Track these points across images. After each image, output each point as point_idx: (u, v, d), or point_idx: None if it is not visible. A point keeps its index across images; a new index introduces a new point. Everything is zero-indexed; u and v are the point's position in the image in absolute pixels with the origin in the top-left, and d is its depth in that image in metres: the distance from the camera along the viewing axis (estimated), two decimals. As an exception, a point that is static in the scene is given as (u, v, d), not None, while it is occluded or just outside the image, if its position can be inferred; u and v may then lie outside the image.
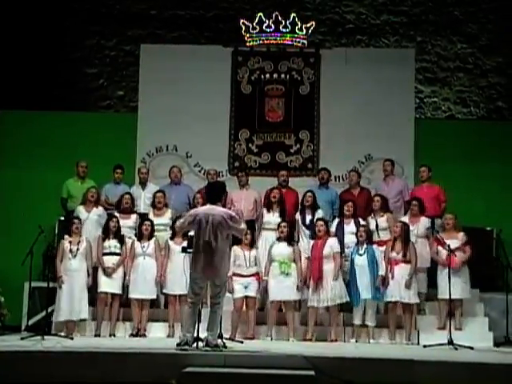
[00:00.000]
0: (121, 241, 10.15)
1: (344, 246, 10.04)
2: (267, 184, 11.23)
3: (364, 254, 9.79)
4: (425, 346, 8.99)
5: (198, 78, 12.46)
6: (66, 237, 10.01)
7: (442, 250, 9.85)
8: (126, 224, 10.42)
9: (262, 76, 12.73)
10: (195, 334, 7.95)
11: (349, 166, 12.06)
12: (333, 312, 9.73)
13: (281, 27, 12.47)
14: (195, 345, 7.90)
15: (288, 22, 12.46)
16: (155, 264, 10.03)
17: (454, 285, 9.28)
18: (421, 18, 13.10)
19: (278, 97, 12.68)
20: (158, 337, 9.84)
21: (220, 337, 8.25)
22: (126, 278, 10.04)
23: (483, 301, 10.33)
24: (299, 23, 12.46)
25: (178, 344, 7.88)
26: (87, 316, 9.88)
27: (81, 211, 10.55)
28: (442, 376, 7.21)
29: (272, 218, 10.44)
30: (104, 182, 11.29)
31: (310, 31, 12.51)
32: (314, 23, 12.53)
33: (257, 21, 12.49)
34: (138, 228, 10.35)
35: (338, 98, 12.48)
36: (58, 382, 7.09)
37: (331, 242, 9.85)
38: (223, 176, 12.19)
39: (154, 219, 10.36)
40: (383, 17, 13.17)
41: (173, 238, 10.04)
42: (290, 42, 12.55)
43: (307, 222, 10.38)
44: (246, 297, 9.77)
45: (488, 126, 12.61)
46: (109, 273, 9.97)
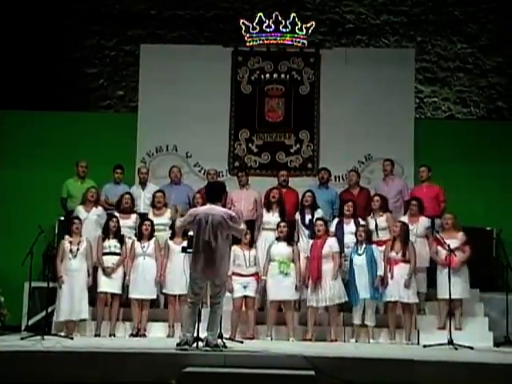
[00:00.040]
0: (121, 241, 10.16)
1: (344, 246, 10.05)
2: (267, 184, 11.21)
3: (363, 253, 9.79)
4: (425, 346, 8.99)
5: (197, 78, 12.45)
6: (67, 237, 10.01)
7: (441, 249, 9.85)
8: (125, 224, 10.42)
9: (262, 76, 12.72)
10: (195, 334, 7.94)
11: (349, 165, 12.06)
12: (332, 312, 9.73)
13: (281, 27, 12.47)
14: (195, 345, 7.89)
15: (288, 22, 12.46)
16: (155, 264, 10.03)
17: (453, 285, 9.28)
18: (421, 18, 13.11)
19: (278, 97, 12.68)
20: (158, 337, 9.85)
21: (220, 337, 8.25)
22: (125, 278, 10.05)
23: (483, 301, 10.33)
24: (299, 23, 12.46)
25: (178, 344, 7.88)
26: (87, 316, 9.88)
27: (80, 211, 10.55)
28: (442, 376, 7.21)
29: (272, 218, 10.43)
30: (104, 182, 11.30)
31: (310, 31, 12.51)
32: (313, 23, 12.53)
33: (257, 21, 12.49)
34: (138, 228, 10.36)
35: (337, 98, 12.48)
36: (58, 382, 7.08)
37: (330, 241, 9.85)
38: (223, 176, 12.19)
39: (153, 219, 10.37)
40: (383, 17, 13.17)
41: (172, 237, 10.05)
42: (290, 42, 12.55)
43: (306, 222, 10.38)
44: (245, 296, 9.77)
45: (488, 126, 12.61)
46: (108, 273, 9.98)
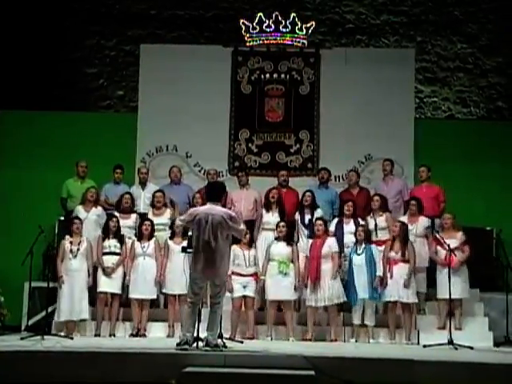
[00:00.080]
0: (120, 241, 10.16)
1: (344, 246, 10.05)
2: (267, 184, 11.20)
3: (362, 253, 9.79)
4: (425, 346, 8.98)
5: (197, 78, 12.45)
6: (67, 237, 10.01)
7: (440, 249, 9.85)
8: (125, 224, 10.42)
9: (262, 76, 12.72)
10: (195, 334, 7.94)
11: (349, 165, 12.06)
12: (331, 312, 9.73)
13: (281, 27, 12.46)
14: (195, 345, 7.89)
15: (288, 22, 12.45)
16: (155, 264, 10.02)
17: (453, 284, 9.27)
18: (421, 18, 13.10)
19: (278, 97, 12.67)
20: (158, 337, 9.84)
21: (220, 337, 8.25)
22: (125, 278, 10.05)
23: (483, 301, 10.33)
24: (299, 23, 12.45)
25: (178, 344, 7.88)
26: (88, 316, 9.89)
27: (80, 211, 10.55)
28: (442, 376, 7.20)
29: (271, 218, 10.42)
30: (104, 182, 11.30)
31: (310, 31, 12.50)
32: (313, 23, 12.52)
33: (257, 21, 12.48)
34: (138, 228, 10.35)
35: (337, 97, 12.47)
36: (58, 382, 7.08)
37: (330, 241, 9.85)
38: (223, 176, 12.19)
39: (153, 219, 10.36)
40: (383, 17, 13.17)
41: (172, 237, 10.05)
42: (290, 42, 12.54)
43: (306, 222, 10.38)
44: (244, 296, 9.77)
45: (488, 126, 12.61)
46: (108, 272, 9.98)
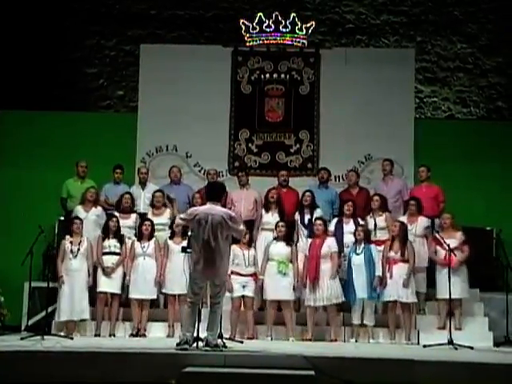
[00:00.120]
0: (120, 240, 10.15)
1: (343, 246, 10.04)
2: (267, 184, 11.20)
3: (361, 253, 9.79)
4: (425, 346, 8.98)
5: (197, 78, 12.45)
6: (67, 237, 10.01)
7: (440, 249, 9.85)
8: (125, 224, 10.42)
9: (262, 76, 12.71)
10: (195, 334, 7.94)
11: (349, 165, 12.05)
12: (331, 312, 9.73)
13: (281, 27, 12.46)
14: (195, 345, 7.89)
15: (288, 22, 12.45)
16: (155, 264, 10.02)
17: (452, 284, 9.25)
18: (421, 18, 13.10)
19: (278, 97, 12.67)
20: (158, 337, 9.84)
21: (220, 337, 8.24)
22: (125, 278, 10.05)
23: (483, 301, 10.32)
24: (299, 23, 12.44)
25: (178, 343, 7.87)
26: (88, 316, 9.89)
27: (79, 211, 10.54)
28: (442, 376, 7.20)
29: (271, 218, 10.41)
30: (104, 182, 11.29)
31: (309, 31, 12.50)
32: (313, 23, 12.52)
33: (257, 21, 12.48)
34: (138, 228, 10.35)
35: (337, 98, 12.47)
36: (58, 382, 7.08)
37: (329, 241, 9.84)
38: (223, 176, 12.18)
39: (152, 219, 10.36)
40: (383, 17, 13.17)
41: (172, 237, 10.05)
42: (289, 42, 12.54)
43: (306, 222, 10.38)
44: (243, 296, 9.77)
45: (488, 126, 12.60)
46: (108, 272, 9.98)
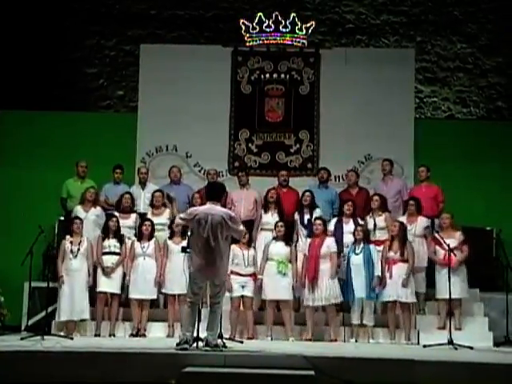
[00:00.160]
0: (120, 240, 10.16)
1: (343, 246, 10.04)
2: (267, 184, 11.20)
3: (360, 253, 9.79)
4: (425, 346, 8.98)
5: (197, 78, 12.44)
6: (68, 237, 10.02)
7: (439, 249, 9.85)
8: (125, 224, 10.42)
9: (262, 76, 12.71)
10: (195, 333, 7.94)
11: (349, 165, 12.04)
12: (330, 312, 9.72)
13: (281, 27, 12.45)
14: (195, 344, 7.89)
15: (288, 22, 12.44)
16: (155, 264, 10.02)
17: (452, 284, 9.25)
18: (421, 18, 13.10)
19: (278, 97, 12.67)
20: (158, 337, 9.85)
21: (220, 337, 8.24)
22: (125, 278, 10.05)
23: (483, 301, 10.32)
24: (299, 23, 12.44)
25: (178, 343, 7.87)
26: (88, 316, 9.89)
27: (79, 211, 10.55)
28: (442, 376, 7.20)
29: (270, 218, 10.41)
30: (104, 182, 11.30)
31: (309, 31, 12.50)
32: (313, 23, 12.51)
33: (257, 21, 12.47)
34: (138, 228, 10.35)
35: (337, 98, 12.47)
36: (58, 382, 7.08)
37: (329, 241, 9.83)
38: (223, 176, 12.18)
39: (152, 219, 10.36)
40: (383, 17, 13.17)
41: (171, 237, 10.05)
42: (289, 42, 12.54)
43: (305, 222, 10.38)
44: (242, 296, 9.77)
45: (488, 126, 12.60)
46: (108, 272, 9.98)
